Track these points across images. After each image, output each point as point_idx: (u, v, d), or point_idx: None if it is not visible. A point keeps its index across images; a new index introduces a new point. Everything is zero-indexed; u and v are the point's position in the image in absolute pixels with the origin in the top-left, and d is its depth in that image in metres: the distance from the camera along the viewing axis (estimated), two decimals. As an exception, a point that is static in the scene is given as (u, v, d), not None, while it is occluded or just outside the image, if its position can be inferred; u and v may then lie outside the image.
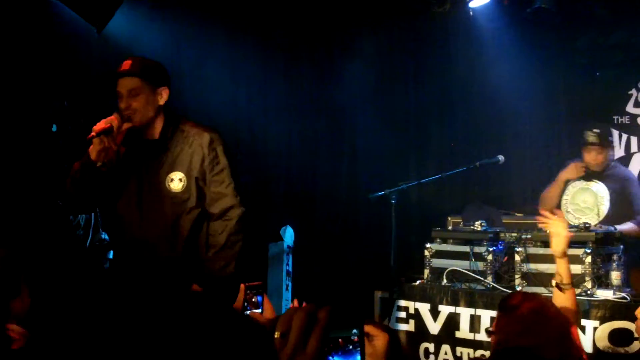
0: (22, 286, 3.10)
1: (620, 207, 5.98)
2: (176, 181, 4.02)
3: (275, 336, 1.30)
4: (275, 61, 8.17)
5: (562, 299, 3.73)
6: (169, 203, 4.02)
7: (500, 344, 3.00)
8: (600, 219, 5.87)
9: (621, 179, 6.13)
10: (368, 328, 2.23)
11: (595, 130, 6.04)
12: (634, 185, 6.14)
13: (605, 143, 6.07)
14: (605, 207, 5.99)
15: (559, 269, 3.93)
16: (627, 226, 5.81)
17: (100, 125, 3.86)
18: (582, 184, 6.13)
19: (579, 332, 4.83)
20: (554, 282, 3.90)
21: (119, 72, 4.07)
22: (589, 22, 7.44)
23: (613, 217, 5.91)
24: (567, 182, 6.21)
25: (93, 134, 3.82)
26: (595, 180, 6.08)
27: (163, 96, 4.08)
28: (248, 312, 2.98)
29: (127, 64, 4.05)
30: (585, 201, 6.09)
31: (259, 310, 3.03)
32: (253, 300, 3.00)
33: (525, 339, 2.87)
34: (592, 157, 6.05)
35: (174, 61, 6.52)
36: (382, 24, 8.32)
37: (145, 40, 6.69)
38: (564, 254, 3.97)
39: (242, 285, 3.01)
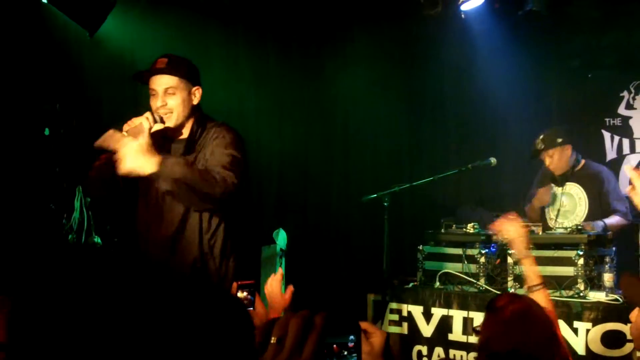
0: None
1: (598, 204, 6.01)
2: None
3: (272, 341, 1.31)
4: (268, 64, 8.17)
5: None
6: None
7: (483, 344, 3.00)
8: (581, 220, 5.90)
9: (593, 176, 6.12)
10: (365, 325, 2.23)
11: (540, 136, 6.05)
12: (606, 179, 6.12)
13: (552, 144, 6.05)
14: (582, 208, 6.03)
15: (526, 271, 3.88)
16: (614, 220, 5.86)
17: (132, 124, 3.82)
18: (559, 189, 6.15)
19: (572, 333, 4.87)
20: (525, 288, 3.86)
21: (154, 69, 4.01)
22: (581, 24, 7.45)
23: (592, 216, 5.95)
24: (542, 208, 6.26)
25: (124, 132, 3.77)
26: (570, 183, 6.11)
27: (197, 96, 4.05)
28: None
29: (162, 62, 3.99)
30: (564, 205, 6.13)
31: (251, 309, 3.02)
32: (245, 299, 2.99)
33: (508, 341, 2.86)
34: (547, 163, 6.09)
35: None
36: (374, 26, 8.32)
37: (137, 43, 6.68)
38: (528, 255, 3.91)
39: (234, 284, 3.00)
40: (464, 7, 7.10)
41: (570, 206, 6.11)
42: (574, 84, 7.93)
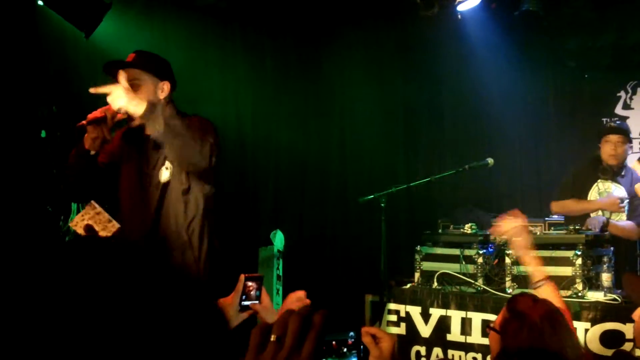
0: None
1: (632, 211, 5.96)
2: (164, 170, 4.01)
3: (271, 340, 1.31)
4: (264, 66, 8.17)
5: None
6: (158, 194, 4.01)
7: (508, 348, 2.97)
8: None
9: (634, 182, 6.02)
10: (374, 330, 2.24)
11: (615, 119, 6.01)
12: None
13: (626, 133, 6.01)
14: (624, 211, 5.98)
15: (527, 269, 3.84)
16: (624, 223, 5.81)
17: (94, 114, 3.84)
18: (605, 185, 6.10)
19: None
20: (530, 286, 3.82)
21: (121, 63, 4.04)
22: (577, 24, 7.47)
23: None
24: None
25: (84, 122, 3.81)
26: (617, 185, 6.04)
27: (164, 90, 4.07)
28: (247, 303, 2.96)
29: (130, 57, 4.07)
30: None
31: (257, 303, 3.00)
32: (252, 292, 2.98)
33: (536, 344, 2.85)
34: (610, 149, 5.98)
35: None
36: (371, 27, 8.34)
37: (133, 44, 6.66)
38: (527, 252, 3.88)
39: (241, 276, 2.98)
40: (460, 8, 7.10)
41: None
42: (571, 84, 7.96)
